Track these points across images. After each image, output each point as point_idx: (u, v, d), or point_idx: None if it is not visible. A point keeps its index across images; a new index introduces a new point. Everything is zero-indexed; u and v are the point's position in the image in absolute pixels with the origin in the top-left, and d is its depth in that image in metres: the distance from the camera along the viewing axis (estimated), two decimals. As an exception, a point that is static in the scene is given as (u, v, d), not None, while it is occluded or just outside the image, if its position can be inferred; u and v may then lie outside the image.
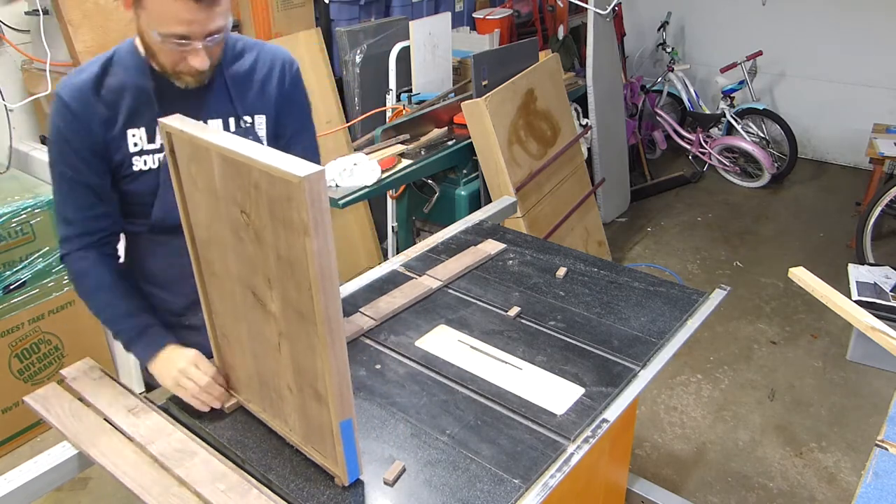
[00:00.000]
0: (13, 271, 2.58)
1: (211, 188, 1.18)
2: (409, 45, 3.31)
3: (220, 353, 1.43)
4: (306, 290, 1.06)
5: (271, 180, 1.03)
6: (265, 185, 1.05)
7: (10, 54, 2.86)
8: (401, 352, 1.60)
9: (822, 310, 3.28)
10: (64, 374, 1.54)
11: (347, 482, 1.24)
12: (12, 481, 1.31)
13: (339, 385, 1.12)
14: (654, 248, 4.13)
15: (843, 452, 2.62)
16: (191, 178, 1.22)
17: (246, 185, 1.09)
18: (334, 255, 1.03)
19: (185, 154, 1.20)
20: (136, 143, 1.43)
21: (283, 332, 1.19)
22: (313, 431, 1.26)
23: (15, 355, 2.67)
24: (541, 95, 3.28)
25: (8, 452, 2.73)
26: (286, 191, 1.01)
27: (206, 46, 1.31)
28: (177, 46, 1.30)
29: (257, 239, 1.13)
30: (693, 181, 4.93)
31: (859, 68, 4.84)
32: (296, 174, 0.97)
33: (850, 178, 4.99)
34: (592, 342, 1.62)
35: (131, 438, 1.35)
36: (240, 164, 1.08)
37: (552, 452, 1.30)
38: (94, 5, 2.58)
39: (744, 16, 5.15)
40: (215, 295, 1.35)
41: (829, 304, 1.76)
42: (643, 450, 2.65)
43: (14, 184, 2.72)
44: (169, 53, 1.33)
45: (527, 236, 2.17)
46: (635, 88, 4.84)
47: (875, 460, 1.28)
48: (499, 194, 2.98)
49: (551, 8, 4.43)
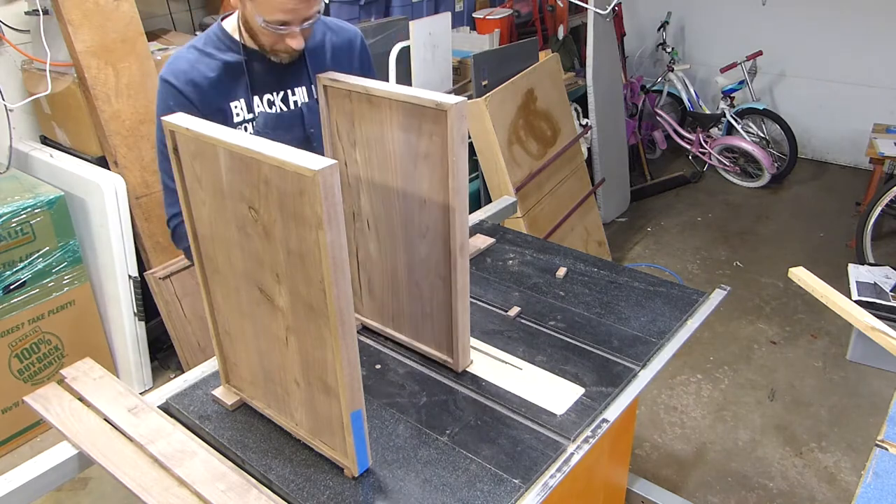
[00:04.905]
0: (13, 271, 2.58)
1: (216, 185, 1.18)
2: (409, 45, 3.31)
3: (222, 350, 1.43)
4: (317, 283, 1.08)
5: (283, 175, 1.03)
6: (276, 180, 1.05)
7: (10, 54, 2.86)
8: (401, 352, 1.61)
9: (822, 310, 3.28)
10: (64, 374, 1.55)
11: (357, 473, 1.25)
12: (12, 481, 1.31)
13: (349, 376, 1.14)
14: (654, 248, 4.13)
15: (843, 452, 2.62)
16: (194, 175, 1.23)
17: (255, 181, 1.10)
18: (346, 248, 1.04)
19: (189, 151, 1.21)
20: (238, 114, 1.65)
21: (290, 326, 1.20)
22: (321, 425, 1.26)
23: (15, 355, 2.67)
24: (541, 95, 3.28)
25: (8, 452, 2.73)
26: (298, 185, 1.02)
27: (302, 29, 1.52)
28: (278, 30, 1.50)
29: (266, 234, 1.14)
30: (693, 181, 4.93)
31: (859, 68, 4.84)
32: (309, 168, 0.97)
33: (850, 178, 4.99)
34: (592, 342, 1.62)
35: (131, 438, 1.35)
36: (248, 160, 1.08)
37: (552, 452, 1.30)
38: (94, 5, 2.58)
39: (744, 16, 5.15)
40: (218, 292, 1.35)
41: (829, 304, 1.76)
42: (643, 450, 2.65)
43: (14, 184, 2.72)
44: (270, 35, 1.53)
45: (527, 236, 2.17)
46: (635, 88, 4.84)
47: (875, 460, 1.28)
48: (499, 194, 2.98)
49: (551, 8, 4.42)
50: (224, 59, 1.62)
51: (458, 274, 1.40)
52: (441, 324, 1.50)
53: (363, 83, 1.36)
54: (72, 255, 2.72)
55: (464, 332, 1.48)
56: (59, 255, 2.68)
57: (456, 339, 1.48)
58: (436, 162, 1.32)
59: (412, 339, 1.59)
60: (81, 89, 2.67)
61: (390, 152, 1.39)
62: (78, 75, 2.65)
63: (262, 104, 1.68)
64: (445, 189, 1.32)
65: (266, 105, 1.68)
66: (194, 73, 1.59)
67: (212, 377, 1.53)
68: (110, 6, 2.62)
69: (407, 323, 1.59)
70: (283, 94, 1.70)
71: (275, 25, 1.49)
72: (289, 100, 1.71)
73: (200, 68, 1.60)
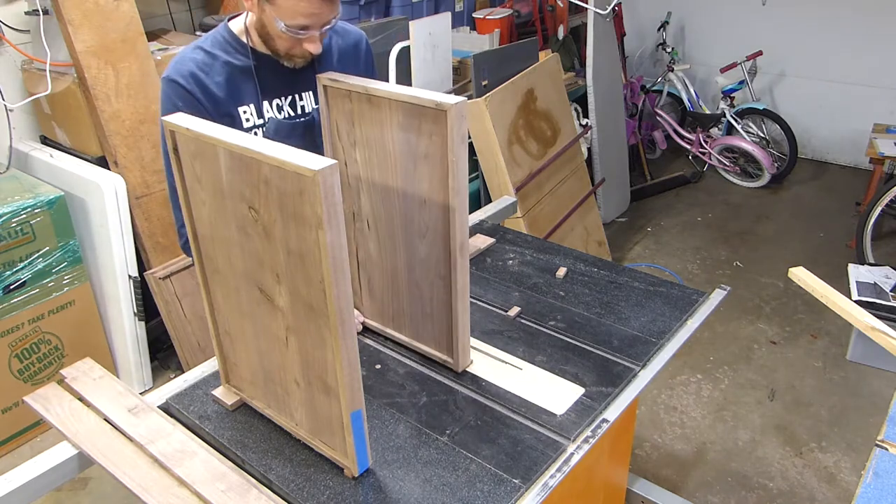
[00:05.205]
0: (13, 271, 2.58)
1: (216, 185, 1.18)
2: (409, 45, 3.31)
3: (222, 350, 1.43)
4: (317, 283, 1.08)
5: (283, 175, 1.03)
6: (276, 180, 1.06)
7: (10, 54, 2.86)
8: (401, 352, 1.61)
9: (822, 310, 3.28)
10: (64, 374, 1.55)
11: (357, 473, 1.25)
12: (12, 481, 1.31)
13: (349, 376, 1.14)
14: (654, 248, 4.13)
15: (843, 452, 2.62)
16: (194, 176, 1.23)
17: (255, 181, 1.10)
18: (346, 248, 1.04)
19: (189, 151, 1.21)
20: (247, 119, 1.63)
21: (290, 326, 1.20)
22: (321, 425, 1.27)
23: (15, 355, 2.67)
24: (541, 95, 3.28)
25: (8, 452, 2.73)
26: (298, 185, 1.02)
27: (320, 34, 1.51)
28: (298, 35, 1.49)
29: (265, 234, 1.14)
30: (693, 181, 4.93)
31: (859, 68, 4.84)
32: (309, 168, 0.97)
33: (850, 178, 4.99)
34: (592, 342, 1.62)
35: (131, 438, 1.35)
36: (249, 160, 1.08)
37: (552, 452, 1.30)
38: (94, 5, 2.58)
39: (744, 16, 5.15)
40: (218, 292, 1.35)
41: (829, 304, 1.76)
42: (643, 450, 2.65)
43: (14, 184, 2.72)
44: (287, 40, 1.52)
45: (527, 236, 2.17)
46: (635, 88, 4.84)
47: (875, 460, 1.28)
48: (499, 194, 2.98)
49: (551, 8, 4.42)
50: (232, 63, 1.59)
51: (458, 274, 1.40)
52: (441, 324, 1.50)
53: (363, 83, 1.36)
54: (72, 255, 2.72)
55: (464, 332, 1.48)
56: (59, 255, 2.68)
57: (456, 339, 1.48)
58: (436, 162, 1.32)
59: (412, 339, 1.59)
60: (81, 89, 2.67)
61: (390, 152, 1.39)
62: (78, 75, 2.65)
63: (272, 109, 1.66)
64: (445, 189, 1.33)
65: (275, 110, 1.67)
66: (202, 75, 1.56)
67: (212, 377, 1.53)
68: (110, 6, 2.62)
69: (407, 323, 1.59)
70: (292, 99, 1.69)
71: (295, 30, 1.47)
72: (297, 104, 1.70)
73: (208, 71, 1.57)
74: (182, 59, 1.58)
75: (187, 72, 1.55)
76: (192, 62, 1.57)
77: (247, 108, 1.62)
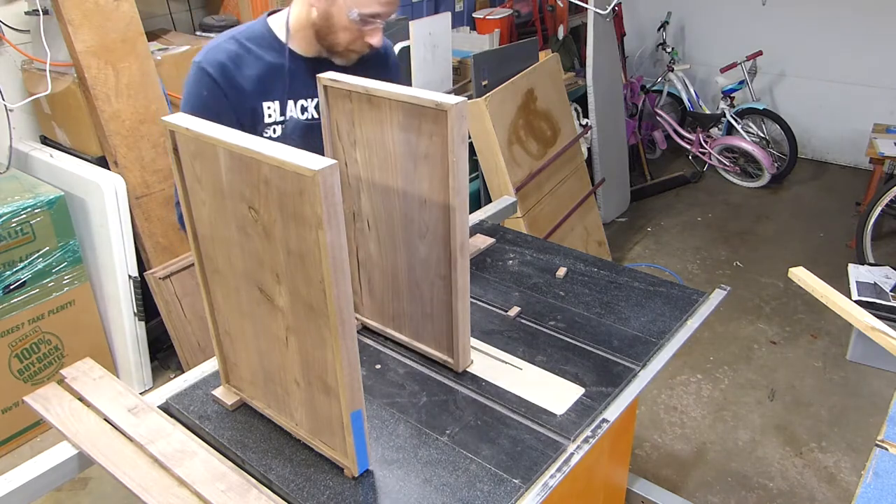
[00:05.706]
0: (13, 271, 2.58)
1: (216, 185, 1.18)
2: (409, 45, 3.31)
3: (222, 350, 1.43)
4: (317, 283, 1.08)
5: (282, 175, 1.03)
6: (276, 180, 1.06)
7: (10, 54, 2.86)
8: (401, 352, 1.61)
9: (822, 310, 3.28)
10: (64, 374, 1.54)
11: (357, 473, 1.25)
12: (12, 481, 1.31)
13: (349, 376, 1.14)
14: (654, 248, 4.13)
15: (843, 452, 2.62)
16: (194, 175, 1.23)
17: (255, 181, 1.10)
18: (346, 248, 1.04)
19: (189, 151, 1.21)
20: (270, 115, 1.63)
21: (290, 326, 1.20)
22: (321, 425, 1.27)
23: (15, 355, 2.67)
24: (541, 95, 3.28)
25: (8, 452, 2.73)
26: (298, 185, 1.02)
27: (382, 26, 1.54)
28: (367, 25, 1.51)
29: (265, 234, 1.14)
30: (693, 181, 4.93)
31: (859, 68, 4.84)
32: (309, 168, 0.97)
33: (850, 178, 5.00)
34: (592, 342, 1.62)
35: (131, 438, 1.35)
36: (248, 160, 1.08)
37: (552, 452, 1.30)
38: (94, 5, 2.58)
39: (744, 16, 5.15)
40: (218, 292, 1.35)
41: (829, 304, 1.76)
42: (643, 450, 2.65)
43: (14, 184, 2.72)
44: (353, 32, 1.53)
45: (527, 236, 2.17)
46: (635, 88, 4.84)
47: (875, 460, 1.28)
48: (499, 194, 2.98)
49: (551, 8, 4.42)
50: (264, 58, 1.59)
51: (458, 274, 1.40)
52: (441, 324, 1.50)
53: (363, 83, 1.36)
54: (72, 255, 2.72)
55: (464, 332, 1.48)
56: (59, 255, 2.68)
57: (456, 339, 1.48)
58: (436, 162, 1.32)
59: (412, 339, 1.59)
60: (81, 89, 2.67)
61: (390, 152, 1.39)
62: (78, 75, 2.65)
63: (296, 109, 1.66)
64: (445, 189, 1.33)
65: (299, 110, 1.67)
66: (232, 66, 1.56)
67: (212, 377, 1.53)
68: (110, 6, 2.62)
69: (407, 323, 1.59)
70: (317, 102, 1.68)
71: (367, 18, 1.50)
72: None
73: (239, 63, 1.57)
74: (215, 47, 1.57)
75: (217, 61, 1.55)
76: (224, 52, 1.56)
77: (271, 105, 1.63)
